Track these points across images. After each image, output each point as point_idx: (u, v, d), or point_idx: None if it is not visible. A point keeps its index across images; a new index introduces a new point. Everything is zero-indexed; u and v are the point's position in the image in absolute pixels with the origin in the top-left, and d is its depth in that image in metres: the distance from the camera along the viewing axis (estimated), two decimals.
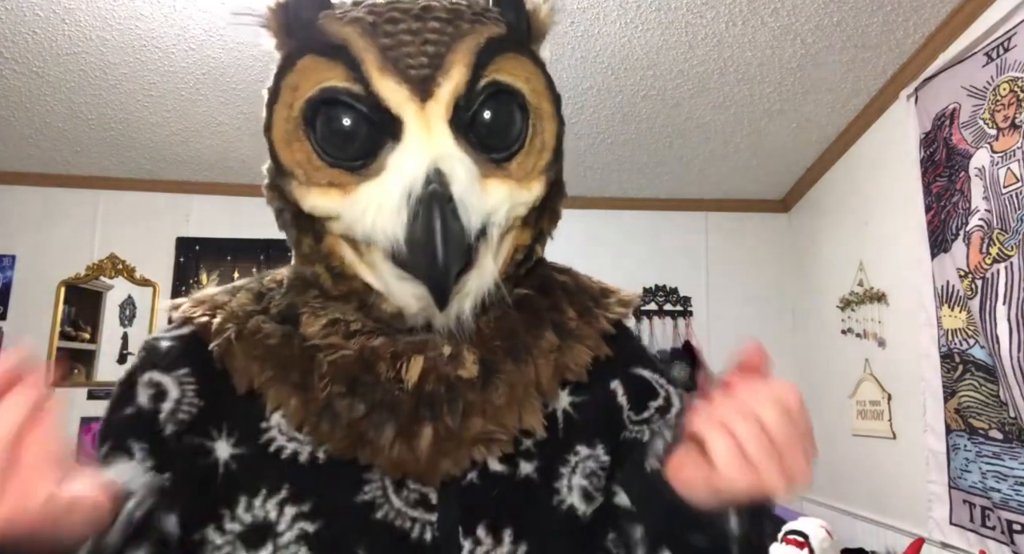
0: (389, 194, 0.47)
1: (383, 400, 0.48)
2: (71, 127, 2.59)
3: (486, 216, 0.48)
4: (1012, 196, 1.67)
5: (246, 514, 0.48)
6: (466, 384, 0.49)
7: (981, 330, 1.75)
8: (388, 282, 0.50)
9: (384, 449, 0.47)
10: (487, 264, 0.49)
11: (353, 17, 0.49)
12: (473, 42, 0.48)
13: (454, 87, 0.47)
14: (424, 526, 0.48)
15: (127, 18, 1.98)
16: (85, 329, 2.97)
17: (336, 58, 0.48)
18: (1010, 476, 1.66)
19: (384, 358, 0.49)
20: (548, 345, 0.53)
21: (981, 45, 1.80)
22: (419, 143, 0.47)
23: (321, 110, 0.49)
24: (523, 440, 0.52)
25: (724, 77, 2.26)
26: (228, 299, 0.55)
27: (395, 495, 0.49)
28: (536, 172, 0.52)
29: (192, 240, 3.05)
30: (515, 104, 0.51)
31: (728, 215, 3.27)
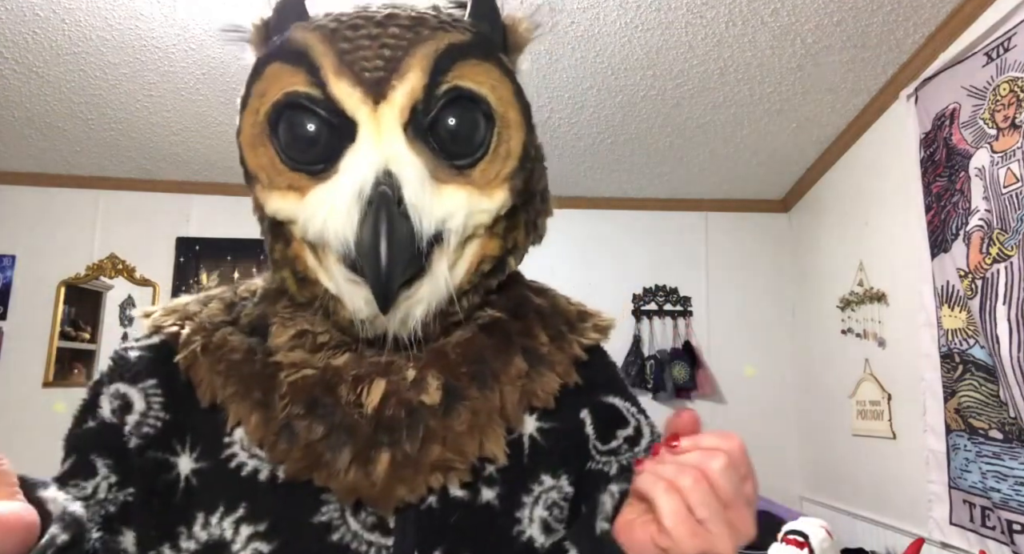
0: (340, 195, 0.46)
1: (342, 423, 0.48)
2: (71, 127, 2.59)
3: (440, 221, 0.48)
4: (1012, 196, 1.67)
5: (202, 532, 0.48)
6: (428, 410, 0.49)
7: (981, 330, 1.75)
8: (340, 285, 0.49)
9: (340, 473, 0.47)
10: (440, 270, 0.49)
11: (317, 25, 0.50)
12: (432, 47, 0.48)
13: (410, 90, 0.47)
14: (380, 550, 0.48)
15: (127, 18, 1.98)
16: (85, 329, 2.97)
17: (299, 64, 0.49)
18: (1010, 476, 1.66)
19: (345, 381, 0.49)
20: (516, 371, 0.52)
21: (981, 45, 1.80)
22: (370, 144, 0.47)
23: (284, 115, 0.49)
24: (486, 466, 0.51)
25: (724, 77, 2.26)
26: (199, 309, 0.56)
27: (352, 518, 0.48)
28: (499, 179, 0.51)
29: (192, 240, 3.05)
30: (479, 111, 0.50)
31: (728, 215, 3.27)
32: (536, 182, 0.56)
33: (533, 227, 0.57)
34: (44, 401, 2.86)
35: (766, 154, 2.79)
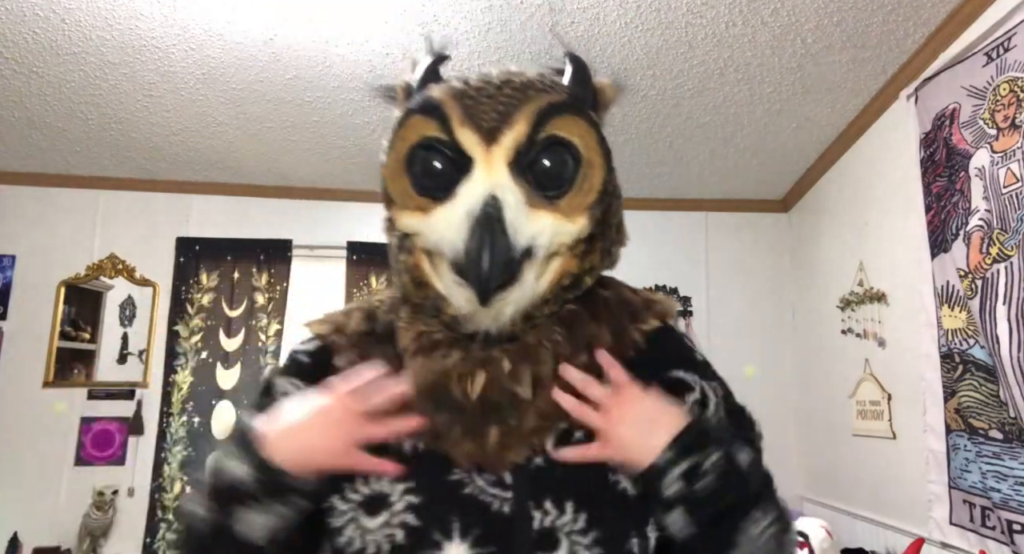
0: (455, 214, 0.60)
1: (453, 407, 0.61)
2: (71, 127, 2.59)
3: (531, 238, 0.61)
4: (1012, 196, 1.67)
5: (364, 487, 0.62)
6: (522, 394, 0.61)
7: (981, 330, 1.75)
8: (448, 287, 0.63)
9: (456, 443, 0.61)
10: (529, 280, 0.62)
11: (449, 86, 0.65)
12: (536, 105, 0.62)
13: (516, 137, 0.61)
14: (502, 501, 0.60)
15: (127, 18, 1.98)
16: (85, 329, 2.97)
17: (433, 116, 0.63)
18: (1010, 476, 1.66)
19: (453, 378, 0.62)
20: (581, 364, 0.64)
21: (981, 45, 1.80)
22: (482, 176, 0.60)
23: (419, 153, 0.64)
24: (574, 432, 0.63)
25: (724, 77, 2.26)
26: (346, 320, 0.72)
27: (478, 476, 0.61)
28: (582, 209, 0.64)
29: (192, 240, 3.05)
30: (568, 154, 0.63)
31: (728, 215, 3.27)
32: (612, 215, 0.68)
33: (607, 253, 0.69)
34: (44, 401, 2.86)
35: (766, 154, 2.79)
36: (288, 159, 2.87)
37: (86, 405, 2.89)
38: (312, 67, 2.24)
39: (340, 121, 2.56)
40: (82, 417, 2.87)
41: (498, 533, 0.59)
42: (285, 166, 2.94)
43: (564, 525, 0.59)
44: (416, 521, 0.60)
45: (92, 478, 2.80)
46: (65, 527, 2.75)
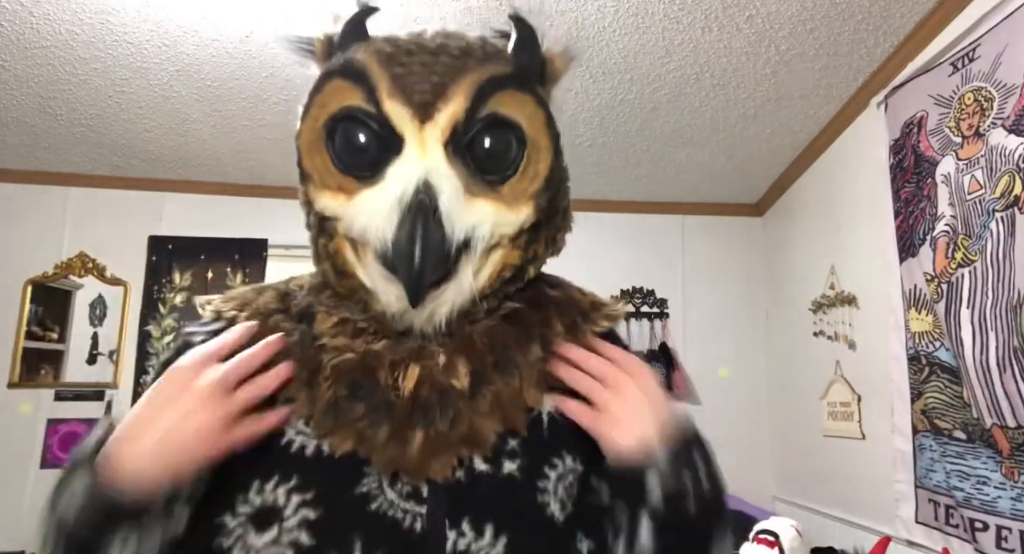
0: (383, 200, 0.53)
1: (381, 403, 0.54)
2: (40, 122, 2.54)
3: (469, 229, 0.54)
4: (975, 203, 1.71)
5: (256, 497, 0.54)
6: (457, 392, 0.55)
7: (946, 333, 1.80)
8: (375, 281, 0.56)
9: (379, 447, 0.53)
10: (466, 275, 0.55)
11: (376, 48, 0.57)
12: (476, 77, 0.54)
13: (452, 113, 0.53)
14: (415, 517, 0.53)
15: (98, 12, 1.95)
16: (53, 329, 2.90)
17: (357, 82, 0.55)
18: (972, 475, 1.70)
19: (383, 365, 0.55)
20: (533, 357, 0.58)
21: (947, 55, 1.85)
22: (414, 158, 0.53)
23: (340, 125, 0.56)
24: (508, 441, 0.56)
25: (700, 83, 2.29)
26: (255, 297, 0.62)
27: (390, 488, 0.54)
28: (526, 197, 0.57)
29: (165, 239, 3.00)
30: (512, 135, 0.56)
31: (704, 218, 3.31)
32: (559, 201, 0.62)
33: (552, 241, 0.62)
34: (9, 402, 2.79)
35: (741, 158, 2.83)
36: (263, 157, 2.84)
37: (53, 406, 2.82)
38: (288, 65, 2.21)
39: None
40: (49, 419, 2.81)
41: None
42: (260, 164, 2.91)
43: (480, 549, 0.53)
44: (309, 540, 0.52)
45: None
46: (30, 531, 2.68)
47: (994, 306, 1.61)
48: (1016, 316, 1.55)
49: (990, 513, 1.63)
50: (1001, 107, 1.64)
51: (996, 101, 1.66)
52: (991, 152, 1.66)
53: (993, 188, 1.64)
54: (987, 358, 1.62)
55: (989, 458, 1.64)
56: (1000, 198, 1.61)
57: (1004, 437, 1.59)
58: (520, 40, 0.60)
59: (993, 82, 1.67)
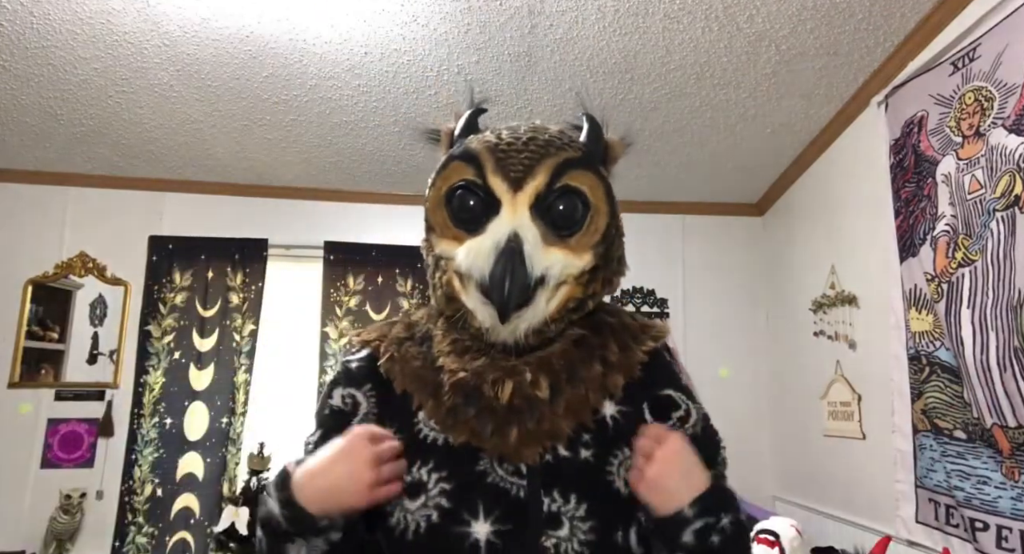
0: (484, 246, 0.73)
1: (486, 407, 0.73)
2: (40, 123, 2.54)
3: (545, 269, 0.73)
4: (976, 202, 1.71)
5: (407, 476, 0.74)
6: (540, 400, 0.73)
7: (946, 332, 1.80)
8: (475, 304, 0.75)
9: (487, 439, 0.73)
10: (540, 303, 0.74)
11: (484, 139, 0.78)
12: (555, 161, 0.75)
13: (536, 185, 0.74)
14: (518, 488, 0.73)
15: (99, 12, 1.95)
16: (53, 329, 2.90)
17: (471, 163, 0.76)
18: (973, 475, 1.70)
19: (487, 381, 0.74)
20: (595, 373, 0.77)
21: (948, 55, 1.85)
22: (508, 216, 0.73)
23: (456, 192, 0.77)
24: (582, 436, 0.75)
25: (700, 82, 2.29)
26: (389, 330, 0.85)
27: (499, 467, 0.73)
28: (588, 247, 0.77)
29: (165, 238, 3.00)
30: (579, 200, 0.76)
31: (704, 218, 3.30)
32: (615, 251, 0.81)
33: (608, 282, 0.81)
34: (9, 402, 2.79)
35: (741, 158, 2.83)
36: (264, 158, 2.84)
37: (53, 406, 2.83)
38: (289, 65, 2.22)
39: (317, 120, 2.54)
40: (49, 418, 2.81)
41: (515, 514, 0.71)
42: (261, 165, 2.91)
43: (568, 511, 0.72)
44: (447, 503, 0.72)
45: (59, 481, 2.74)
46: (31, 531, 2.69)
47: (994, 306, 1.61)
48: (1016, 316, 1.55)
49: (990, 513, 1.63)
50: (1001, 107, 1.64)
51: (996, 101, 1.66)
52: (991, 152, 1.66)
53: (993, 188, 1.64)
54: (987, 358, 1.62)
55: (989, 458, 1.64)
56: (1000, 198, 1.61)
57: (1004, 437, 1.59)
58: (589, 131, 0.82)
59: (993, 82, 1.67)
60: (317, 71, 2.25)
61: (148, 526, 2.75)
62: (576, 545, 0.70)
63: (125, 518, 2.75)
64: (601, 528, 0.72)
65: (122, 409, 2.84)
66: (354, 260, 3.03)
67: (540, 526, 0.71)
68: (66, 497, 2.69)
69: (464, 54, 2.15)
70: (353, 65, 2.21)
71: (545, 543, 0.70)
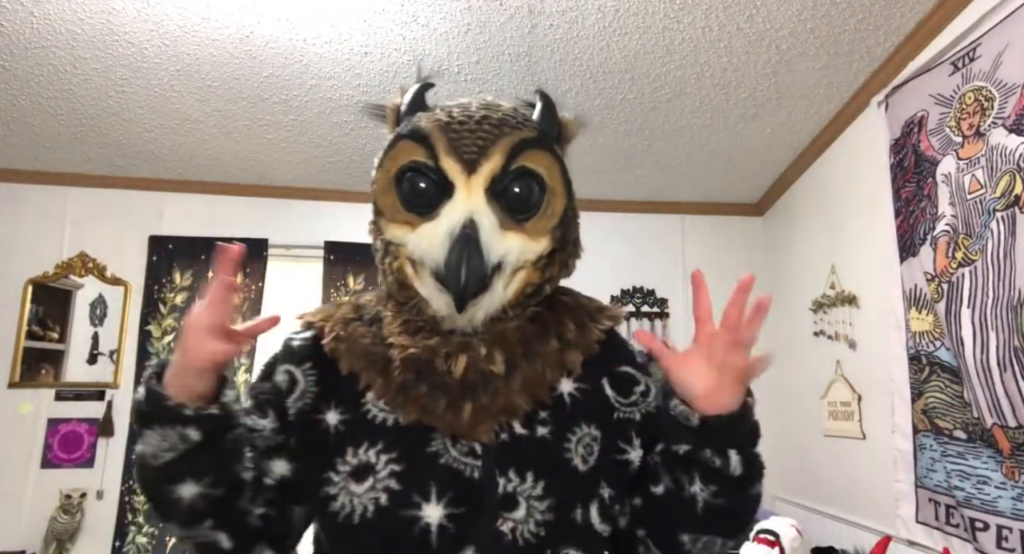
0: (438, 232, 0.70)
1: (438, 383, 0.70)
2: (40, 122, 2.54)
3: (501, 255, 0.70)
4: (976, 202, 1.71)
5: (353, 458, 0.71)
6: (495, 375, 0.71)
7: (947, 332, 1.80)
8: (430, 292, 0.72)
9: (439, 416, 0.70)
10: (498, 290, 0.72)
11: (436, 118, 0.73)
12: (510, 141, 0.72)
13: (491, 167, 0.71)
14: (473, 468, 0.70)
15: (99, 12, 1.95)
16: (53, 328, 2.90)
17: (421, 143, 0.72)
18: (973, 475, 1.70)
19: (440, 355, 0.71)
20: (551, 349, 0.75)
21: (948, 55, 1.85)
22: (462, 200, 0.70)
23: (407, 174, 0.73)
24: (539, 413, 0.73)
25: (700, 82, 2.29)
26: (335, 310, 0.81)
27: (452, 448, 0.71)
28: (545, 231, 0.74)
29: (165, 238, 3.00)
30: (535, 183, 0.73)
31: (704, 218, 3.30)
32: (571, 233, 0.79)
33: (565, 265, 0.79)
34: (9, 402, 2.79)
35: (741, 158, 2.83)
36: (264, 158, 2.84)
37: (53, 406, 2.83)
38: (289, 65, 2.22)
39: (317, 120, 2.54)
40: (49, 418, 2.81)
41: (469, 495, 0.69)
42: (261, 165, 2.91)
43: (524, 491, 0.70)
44: (398, 485, 0.69)
45: (59, 480, 2.74)
46: (31, 531, 2.69)
47: (995, 306, 1.61)
48: (1017, 316, 1.55)
49: (991, 513, 1.63)
50: (1002, 107, 1.64)
51: (997, 101, 1.66)
52: (991, 152, 1.66)
53: (994, 188, 1.64)
54: (987, 358, 1.62)
55: (990, 458, 1.64)
56: (1000, 198, 1.61)
57: (1004, 437, 1.59)
58: (543, 110, 0.78)
59: (994, 82, 1.67)
60: (317, 71, 2.25)
61: (148, 526, 2.76)
62: (532, 526, 0.69)
63: (125, 518, 2.75)
64: (559, 506, 0.70)
65: (122, 409, 2.84)
66: (354, 260, 3.03)
67: (495, 508, 0.69)
68: (66, 497, 2.69)
69: (464, 54, 2.15)
70: (353, 65, 2.21)
71: (500, 527, 0.68)
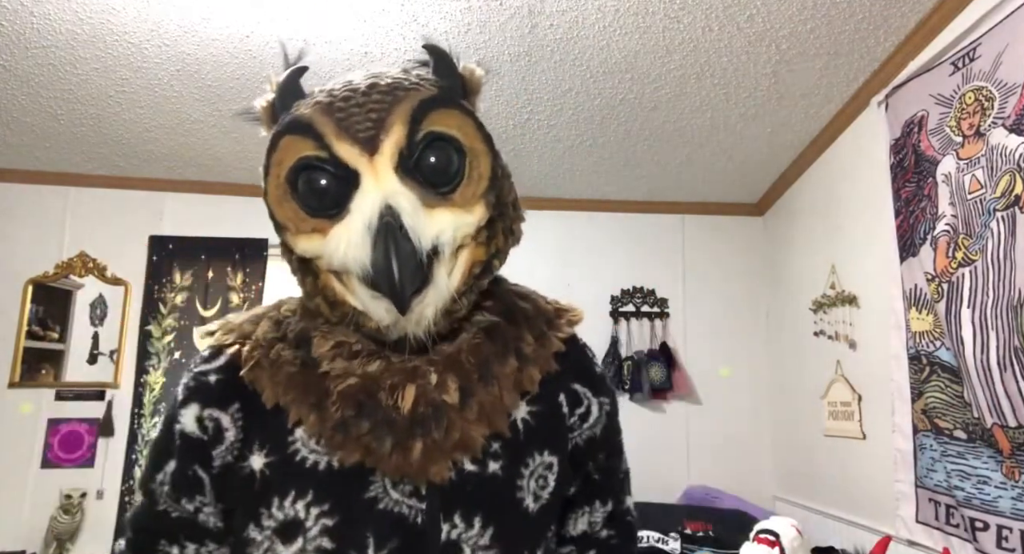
0: (353, 230, 0.59)
1: (384, 419, 0.60)
2: (40, 122, 2.54)
3: (434, 238, 0.60)
4: (976, 202, 1.71)
5: (279, 512, 0.61)
6: (448, 406, 0.62)
7: (947, 332, 1.80)
8: (365, 302, 0.62)
9: (384, 457, 0.60)
10: (441, 277, 0.61)
11: (315, 101, 0.62)
12: (408, 105, 0.61)
13: (395, 141, 0.60)
14: (416, 512, 0.62)
15: (99, 12, 1.95)
16: (53, 328, 2.90)
17: (306, 134, 0.61)
18: (973, 475, 1.70)
19: (383, 388, 0.61)
20: (510, 369, 0.66)
21: (948, 54, 1.85)
22: (372, 187, 0.59)
23: (300, 175, 0.62)
24: (492, 444, 0.64)
25: (701, 82, 2.29)
26: (253, 328, 0.68)
27: (393, 489, 0.62)
28: (476, 198, 0.63)
29: (165, 238, 3.00)
30: (451, 147, 0.62)
31: (704, 218, 3.31)
32: (507, 195, 0.68)
33: (510, 232, 0.69)
34: (10, 402, 2.80)
35: (741, 158, 2.83)
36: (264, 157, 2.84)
37: (53, 406, 2.83)
38: None
39: None
40: (49, 419, 2.81)
41: (411, 544, 0.61)
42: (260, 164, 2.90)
43: (470, 538, 0.62)
44: (330, 544, 0.60)
45: (59, 481, 2.74)
46: (31, 531, 2.69)
47: (995, 305, 1.61)
48: (1017, 315, 1.55)
49: (991, 513, 1.63)
50: (1002, 107, 1.64)
51: (997, 100, 1.66)
52: (992, 151, 1.66)
53: (994, 187, 1.64)
54: (988, 357, 1.62)
55: (990, 458, 1.64)
56: (1001, 197, 1.61)
57: (1005, 437, 1.59)
58: (437, 64, 0.67)
59: (994, 81, 1.67)
60: (317, 71, 2.24)
61: None
62: None
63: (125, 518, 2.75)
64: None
65: (122, 409, 2.84)
66: None
67: None
68: (66, 497, 2.69)
69: (464, 54, 2.15)
70: (353, 65, 2.21)
71: None
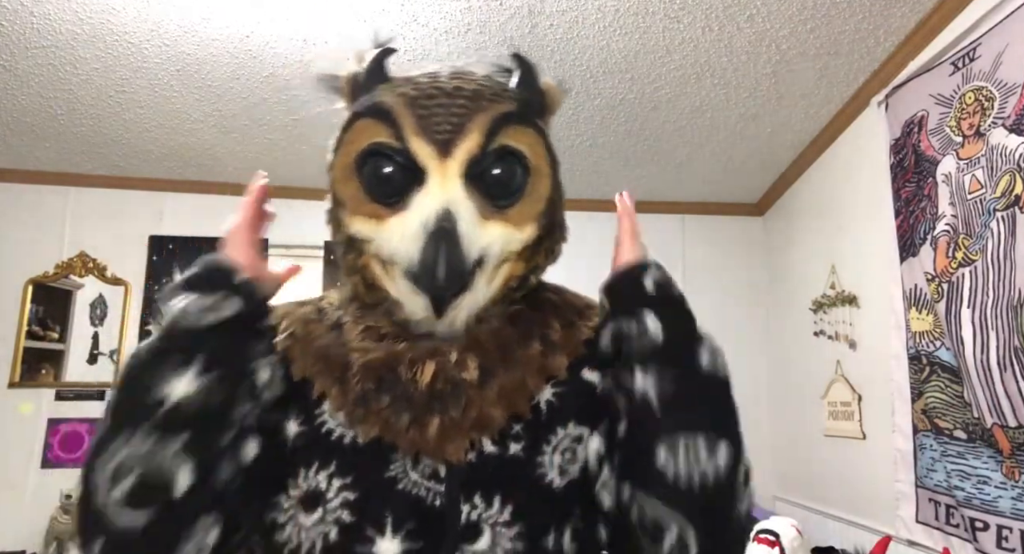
0: (410, 226, 0.61)
1: (402, 394, 0.61)
2: (40, 122, 2.54)
3: (483, 249, 0.62)
4: (976, 202, 1.71)
5: (303, 482, 0.62)
6: (467, 384, 0.62)
7: (947, 332, 1.80)
8: (402, 294, 0.63)
9: (401, 432, 0.61)
10: (480, 287, 0.63)
11: (400, 92, 0.64)
12: (488, 116, 0.62)
13: (468, 148, 0.61)
14: (435, 494, 0.61)
15: (99, 11, 1.95)
16: (53, 328, 2.90)
17: (384, 122, 0.63)
18: (973, 475, 1.70)
19: (404, 362, 0.63)
20: (533, 352, 0.66)
21: (948, 54, 1.85)
22: (436, 189, 0.61)
23: (369, 159, 0.64)
24: (512, 426, 0.64)
25: (701, 82, 2.28)
26: (296, 308, 0.72)
27: (413, 471, 0.62)
28: (530, 217, 0.66)
29: (166, 238, 3.00)
30: (519, 164, 0.64)
31: (704, 218, 3.30)
32: (557, 217, 0.71)
33: (551, 252, 0.71)
34: (9, 402, 2.79)
35: (741, 158, 2.83)
36: (264, 158, 2.84)
37: (54, 406, 2.83)
38: (289, 65, 2.22)
39: (317, 120, 2.54)
40: (49, 418, 2.81)
41: (429, 527, 0.61)
42: (261, 165, 2.90)
43: (490, 517, 0.61)
44: (349, 517, 0.61)
45: (60, 481, 2.74)
46: (31, 531, 2.68)
47: (995, 305, 1.61)
48: (1017, 315, 1.55)
49: (991, 513, 1.63)
50: (1002, 107, 1.64)
51: (997, 100, 1.66)
52: (992, 151, 1.66)
53: (994, 187, 1.64)
54: (988, 357, 1.62)
55: (990, 458, 1.64)
56: (1001, 197, 1.61)
57: (1005, 437, 1.59)
58: (522, 77, 0.69)
59: (994, 81, 1.67)
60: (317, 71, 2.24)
61: None
62: None
63: None
64: (529, 533, 0.61)
65: None
66: None
67: (456, 540, 0.60)
68: (66, 497, 2.69)
69: (464, 54, 2.15)
70: None
71: None
